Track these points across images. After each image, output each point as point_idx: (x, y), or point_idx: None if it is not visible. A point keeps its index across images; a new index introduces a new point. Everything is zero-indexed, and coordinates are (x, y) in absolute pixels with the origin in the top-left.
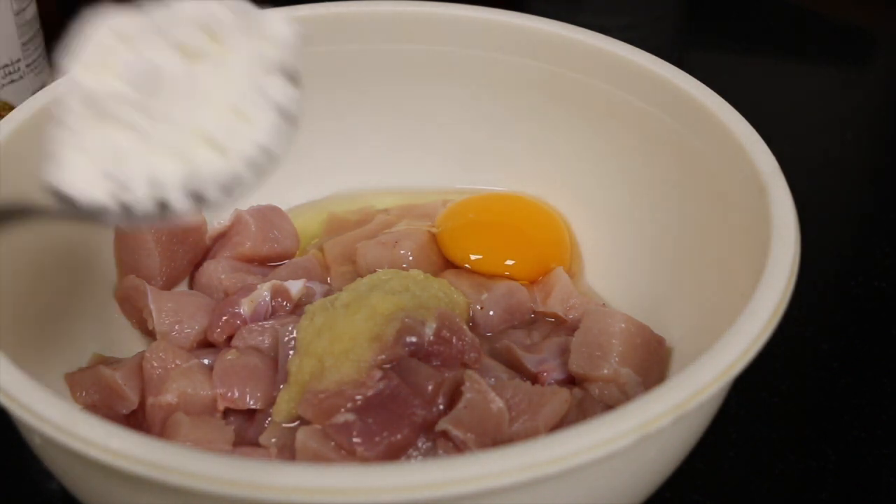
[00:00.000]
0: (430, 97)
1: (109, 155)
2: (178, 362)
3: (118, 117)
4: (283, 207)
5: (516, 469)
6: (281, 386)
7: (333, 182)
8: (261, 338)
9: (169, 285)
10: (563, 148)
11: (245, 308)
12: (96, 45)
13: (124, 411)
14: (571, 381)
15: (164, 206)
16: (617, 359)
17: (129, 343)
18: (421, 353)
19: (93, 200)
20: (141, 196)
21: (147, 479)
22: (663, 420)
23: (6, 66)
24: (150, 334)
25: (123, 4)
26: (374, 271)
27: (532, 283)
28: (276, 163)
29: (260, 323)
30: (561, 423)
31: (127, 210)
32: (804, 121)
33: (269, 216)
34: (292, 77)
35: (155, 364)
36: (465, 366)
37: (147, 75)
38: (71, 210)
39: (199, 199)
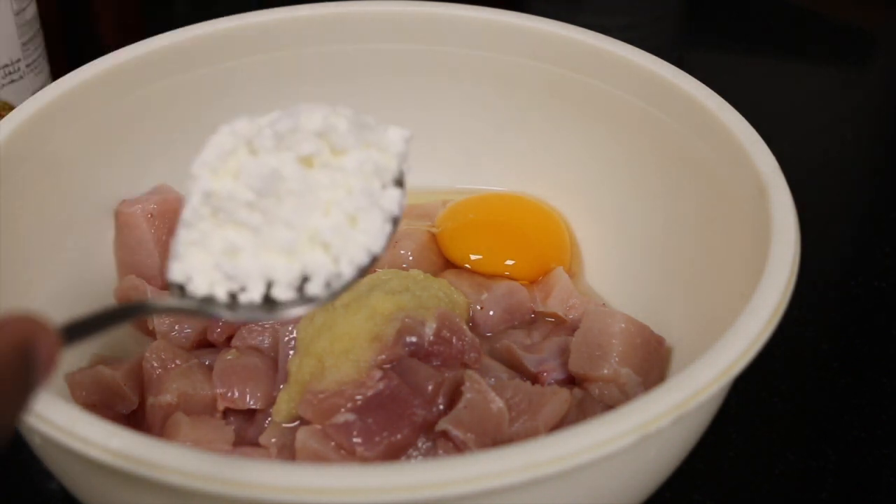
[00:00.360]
0: (430, 97)
1: (224, 251)
2: (178, 362)
3: (235, 216)
4: None
5: (516, 469)
6: (281, 386)
7: None
8: (261, 338)
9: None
10: (563, 148)
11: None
12: (219, 147)
13: (124, 411)
14: (571, 381)
15: (271, 302)
16: (617, 359)
17: (129, 343)
18: (421, 353)
19: (205, 294)
20: (251, 291)
21: (147, 479)
22: (663, 420)
23: (6, 66)
24: (150, 334)
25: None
26: (375, 271)
27: (532, 283)
28: (377, 261)
29: (260, 323)
30: (561, 423)
31: (235, 303)
32: (804, 121)
33: None
34: (400, 182)
35: (155, 364)
36: (465, 366)
37: (265, 179)
38: (184, 303)
39: (305, 297)
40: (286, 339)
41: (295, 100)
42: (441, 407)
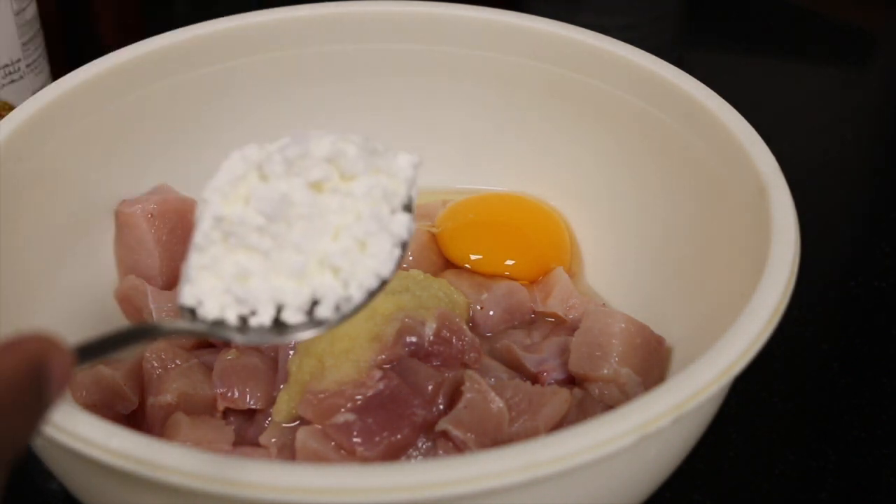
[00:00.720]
0: (430, 97)
1: (235, 274)
2: (178, 362)
3: (246, 241)
4: None
5: (516, 469)
6: (281, 386)
7: None
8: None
9: (169, 285)
10: (563, 148)
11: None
12: (230, 172)
13: (124, 411)
14: (571, 381)
15: (281, 325)
16: (617, 359)
17: None
18: (421, 353)
19: (215, 317)
20: (261, 315)
21: (147, 479)
22: (663, 420)
23: (6, 66)
24: None
25: None
26: None
27: (532, 283)
28: (386, 286)
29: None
30: (561, 423)
31: (246, 327)
32: (804, 121)
33: None
34: (408, 207)
35: (155, 364)
36: (465, 366)
37: (276, 203)
38: (195, 326)
39: (314, 320)
40: None
41: (295, 100)
42: (441, 407)
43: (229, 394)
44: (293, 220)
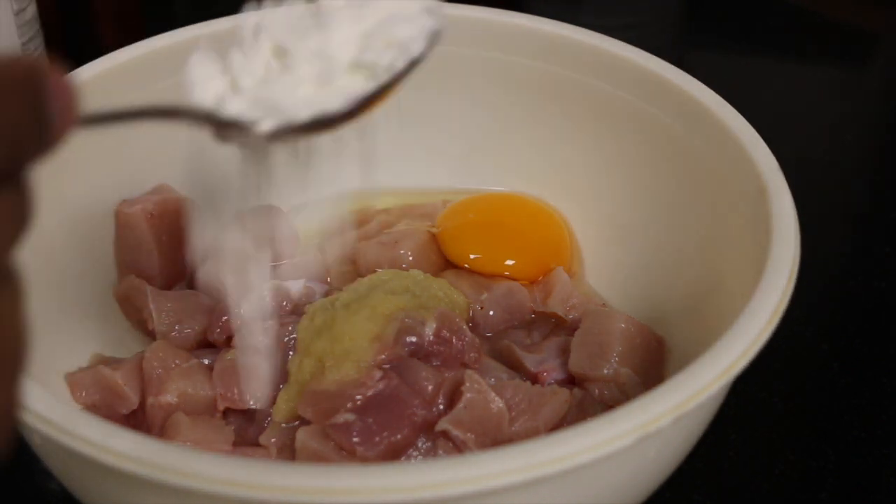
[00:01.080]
0: (430, 97)
1: (262, 88)
2: (178, 362)
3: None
4: (283, 207)
5: (516, 469)
6: (281, 386)
7: (333, 182)
8: (261, 338)
9: (169, 285)
10: (563, 148)
11: (245, 308)
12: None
13: (124, 411)
14: (571, 381)
15: (322, 121)
16: (617, 359)
17: (129, 343)
18: (421, 353)
19: (252, 121)
20: (299, 118)
21: (147, 479)
22: (663, 420)
23: None
24: (150, 334)
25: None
26: (374, 271)
27: (532, 283)
28: (417, 67)
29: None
30: (561, 423)
31: (286, 130)
32: (804, 121)
33: (269, 216)
34: (433, 12)
35: (155, 364)
36: (465, 366)
37: (289, 25)
38: (230, 129)
39: (355, 109)
40: (286, 339)
41: None
42: (441, 407)
43: (229, 394)
44: (310, 37)
